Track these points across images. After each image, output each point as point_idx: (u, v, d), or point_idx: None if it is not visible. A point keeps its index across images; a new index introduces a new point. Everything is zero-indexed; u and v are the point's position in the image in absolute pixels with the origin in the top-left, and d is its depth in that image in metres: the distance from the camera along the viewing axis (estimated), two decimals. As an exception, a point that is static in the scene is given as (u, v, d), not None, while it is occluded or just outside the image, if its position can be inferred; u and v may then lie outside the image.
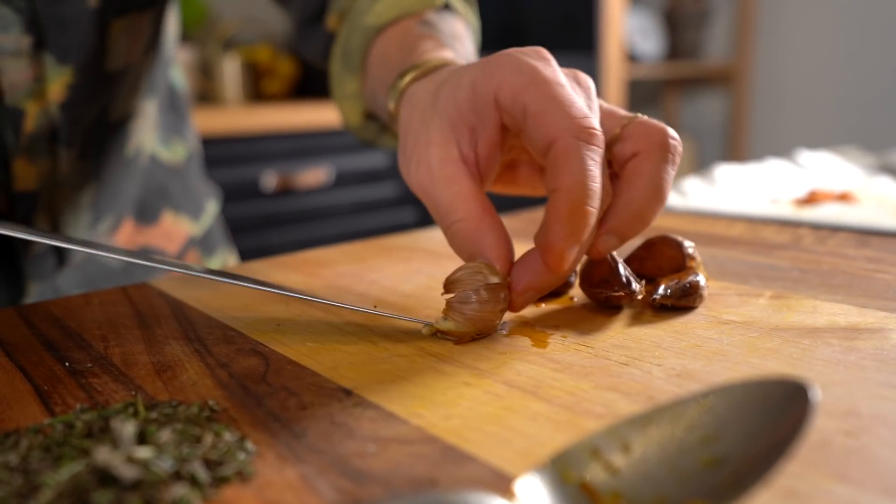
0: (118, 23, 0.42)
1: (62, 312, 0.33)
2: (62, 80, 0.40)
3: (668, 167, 0.29)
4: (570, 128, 0.26)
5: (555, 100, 0.27)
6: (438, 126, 0.29)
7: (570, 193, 0.26)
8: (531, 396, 0.23)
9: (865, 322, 0.28)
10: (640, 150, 0.29)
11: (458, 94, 0.29)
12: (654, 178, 0.29)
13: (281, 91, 1.61)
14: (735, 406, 0.18)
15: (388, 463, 0.19)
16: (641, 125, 0.30)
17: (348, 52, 0.40)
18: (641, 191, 0.29)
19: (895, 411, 0.21)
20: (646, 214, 0.29)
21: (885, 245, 0.42)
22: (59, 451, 0.18)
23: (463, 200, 0.28)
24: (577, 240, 0.27)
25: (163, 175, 0.54)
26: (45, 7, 0.38)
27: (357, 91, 0.41)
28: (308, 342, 0.28)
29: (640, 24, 2.04)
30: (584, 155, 0.26)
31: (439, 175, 0.29)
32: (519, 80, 0.27)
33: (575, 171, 0.26)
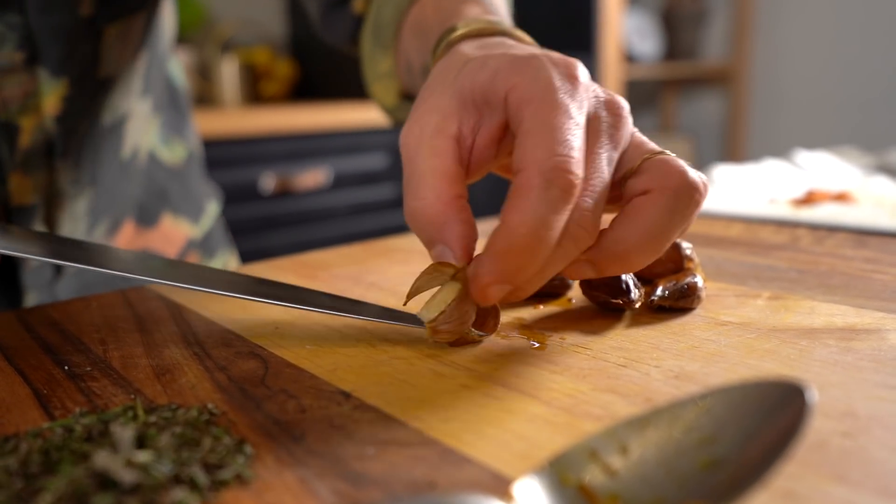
0: (111, 29, 0.42)
1: (61, 316, 0.33)
2: (57, 93, 0.40)
3: (676, 217, 0.26)
4: (542, 162, 0.24)
5: (546, 127, 0.24)
6: (450, 96, 0.27)
7: (512, 232, 0.23)
8: (530, 398, 0.23)
9: (863, 323, 0.28)
10: (651, 190, 0.26)
11: (479, 75, 0.27)
12: (653, 224, 0.26)
13: (279, 93, 1.61)
14: (732, 408, 0.18)
15: (386, 465, 0.19)
16: (663, 163, 0.27)
17: (380, 28, 0.38)
18: (634, 233, 0.26)
19: (892, 412, 0.21)
20: (631, 260, 0.26)
21: (883, 245, 0.42)
22: (59, 455, 0.19)
23: (437, 178, 0.26)
24: (505, 280, 0.24)
25: (162, 176, 0.54)
26: (38, 19, 0.37)
27: (390, 69, 0.39)
28: (307, 345, 0.28)
29: (637, 25, 2.05)
30: (545, 196, 0.23)
31: (428, 143, 0.27)
32: (529, 91, 0.25)
33: (527, 210, 0.23)
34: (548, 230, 0.23)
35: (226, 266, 0.59)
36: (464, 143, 0.27)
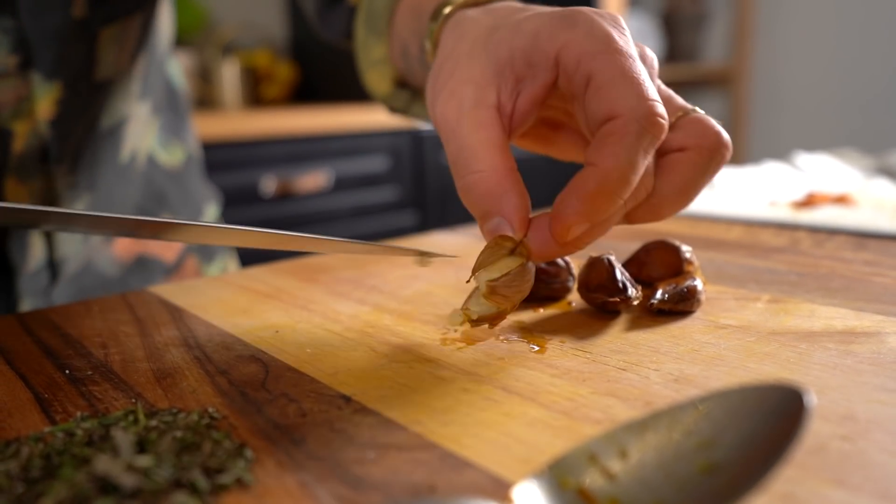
0: (106, 31, 0.41)
1: (62, 320, 0.33)
2: (51, 97, 0.39)
3: (709, 173, 0.28)
4: (637, 109, 0.24)
5: (626, 75, 0.25)
6: (484, 65, 0.27)
7: (606, 175, 0.24)
8: (529, 402, 0.23)
9: (862, 326, 0.28)
10: (688, 147, 0.27)
11: (515, 39, 0.27)
12: (688, 180, 0.27)
13: (280, 96, 1.61)
14: (731, 412, 0.18)
15: (386, 470, 0.19)
16: (698, 122, 0.28)
17: (373, 15, 0.38)
18: (670, 187, 0.27)
19: (892, 416, 0.21)
20: (663, 211, 0.28)
21: (883, 248, 0.42)
22: (60, 460, 0.19)
23: (489, 149, 0.26)
24: (590, 219, 0.25)
25: (161, 180, 0.54)
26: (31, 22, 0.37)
27: (384, 56, 0.39)
28: (307, 348, 0.28)
29: (637, 27, 2.05)
30: (639, 142, 0.24)
31: (470, 115, 0.26)
32: (589, 45, 0.25)
33: (621, 154, 0.24)
34: (637, 174, 0.25)
35: (225, 269, 0.59)
36: (504, 112, 0.27)
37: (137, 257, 0.52)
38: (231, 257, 0.61)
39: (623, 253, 0.38)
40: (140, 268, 0.51)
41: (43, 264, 0.45)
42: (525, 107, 0.27)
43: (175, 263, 0.54)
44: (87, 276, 0.49)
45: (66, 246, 0.46)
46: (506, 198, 0.26)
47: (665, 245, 0.34)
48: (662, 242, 0.35)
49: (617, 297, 0.30)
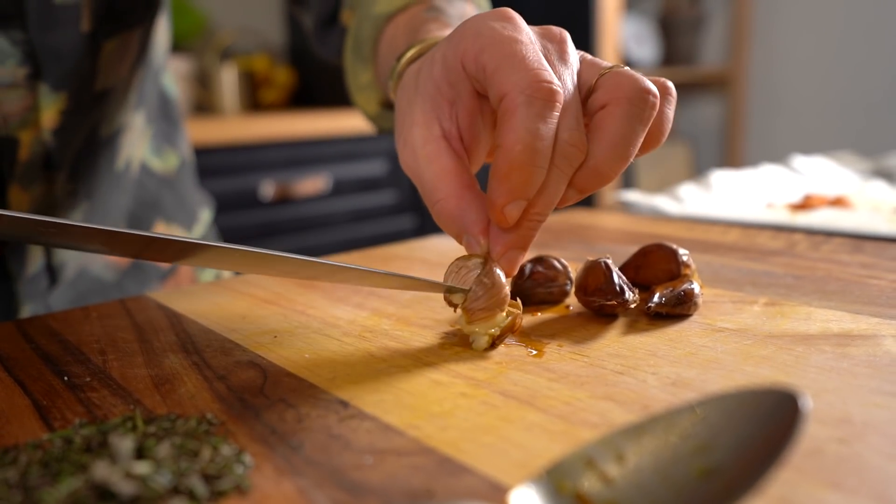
0: (109, 43, 0.42)
1: (61, 326, 0.33)
2: (55, 107, 0.40)
3: (634, 123, 0.27)
4: (519, 82, 0.26)
5: (510, 57, 0.26)
6: (420, 105, 0.29)
7: (509, 151, 0.26)
8: (527, 406, 0.23)
9: (858, 329, 0.28)
10: (608, 103, 0.28)
11: (433, 70, 0.29)
12: (616, 134, 0.27)
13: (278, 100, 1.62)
14: (727, 415, 0.18)
15: (384, 475, 0.19)
16: (615, 76, 0.28)
17: (359, 43, 0.40)
18: (601, 146, 0.27)
19: (888, 418, 0.21)
20: (604, 171, 0.28)
21: (879, 251, 0.42)
22: (58, 467, 0.19)
23: (443, 178, 0.28)
24: (516, 196, 0.26)
25: (155, 186, 0.54)
26: (40, 36, 0.38)
27: (371, 81, 0.41)
28: (306, 354, 0.28)
29: (635, 30, 2.05)
30: (531, 111, 0.25)
31: (422, 154, 0.29)
32: (479, 43, 0.27)
33: (517, 127, 0.25)
34: (541, 140, 0.26)
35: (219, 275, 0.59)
36: (452, 136, 0.29)
37: (133, 262, 0.52)
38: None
39: (621, 256, 0.38)
40: (136, 272, 0.52)
41: (41, 269, 0.45)
42: (467, 122, 0.29)
43: (170, 268, 0.54)
44: (84, 281, 0.49)
45: (63, 251, 0.46)
46: (465, 216, 0.28)
47: (662, 248, 0.34)
48: (659, 246, 0.35)
49: (614, 300, 0.30)
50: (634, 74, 0.28)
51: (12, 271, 0.43)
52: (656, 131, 0.29)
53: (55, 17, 0.38)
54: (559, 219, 0.57)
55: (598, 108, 0.28)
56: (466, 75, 0.28)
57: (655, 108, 0.28)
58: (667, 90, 0.29)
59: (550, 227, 0.54)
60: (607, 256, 0.32)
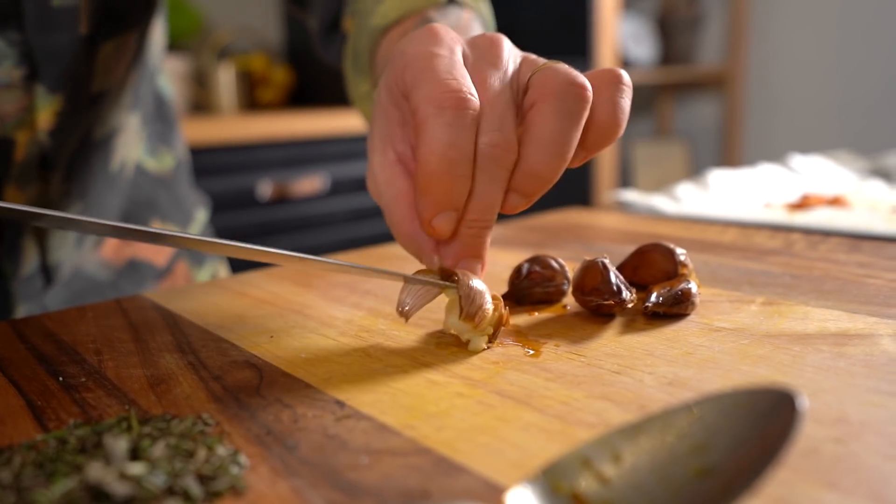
0: (106, 46, 0.42)
1: (56, 326, 0.33)
2: (51, 108, 0.40)
3: (564, 119, 0.27)
4: (428, 94, 0.26)
5: (424, 72, 0.27)
6: (377, 132, 0.30)
7: (425, 164, 0.26)
8: (524, 406, 0.23)
9: (856, 328, 0.28)
10: (537, 101, 0.27)
11: (380, 96, 0.30)
12: (547, 132, 0.27)
13: (275, 100, 1.61)
14: (724, 415, 0.18)
15: (380, 475, 0.19)
16: (544, 72, 0.27)
17: (357, 54, 0.41)
18: (535, 147, 0.27)
19: (884, 418, 0.21)
20: (541, 172, 0.27)
21: (877, 250, 0.42)
22: (53, 468, 0.19)
23: (398, 202, 0.29)
24: (441, 207, 0.27)
25: (150, 186, 0.54)
26: (38, 37, 0.38)
27: (369, 91, 0.42)
28: (302, 353, 0.28)
29: (633, 30, 2.05)
30: (440, 121, 0.25)
31: (381, 179, 0.30)
32: (402, 63, 0.28)
33: (429, 139, 0.26)
34: (454, 149, 0.26)
35: (215, 274, 0.59)
36: (407, 158, 0.29)
37: (128, 261, 0.52)
38: (221, 263, 0.61)
39: (618, 256, 0.38)
40: (131, 271, 0.52)
41: (36, 269, 0.45)
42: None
43: (166, 267, 0.54)
44: (79, 281, 0.49)
45: (59, 251, 0.46)
46: (418, 236, 0.29)
47: (659, 248, 0.34)
48: (657, 245, 0.35)
49: (611, 300, 0.30)
50: (564, 69, 0.27)
51: (6, 271, 0.43)
52: (610, 122, 0.28)
53: (53, 18, 0.38)
54: (556, 218, 0.57)
55: (528, 107, 0.27)
56: (401, 95, 0.29)
57: (586, 101, 0.27)
58: (618, 79, 0.28)
59: (548, 227, 0.53)
60: (604, 256, 0.32)
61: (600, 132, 0.28)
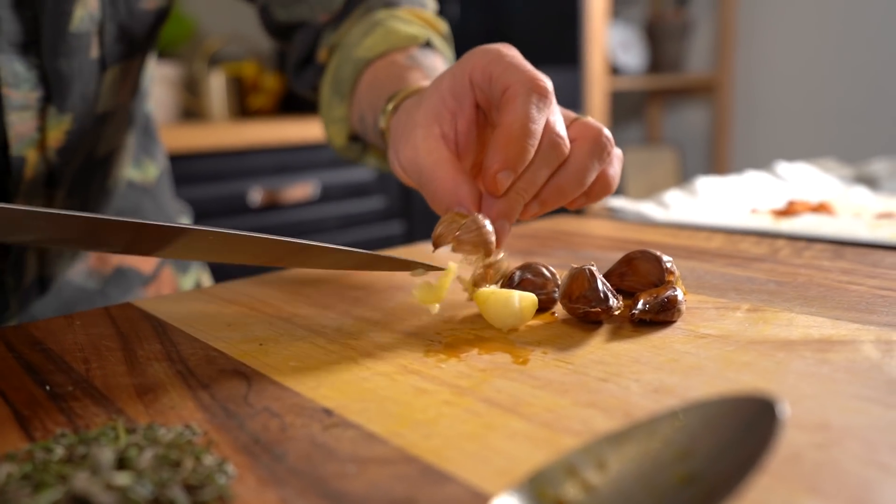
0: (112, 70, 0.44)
1: (43, 335, 0.33)
2: (61, 128, 0.42)
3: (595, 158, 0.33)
4: (523, 79, 0.31)
5: (513, 65, 0.32)
6: (424, 112, 0.34)
7: (509, 127, 0.31)
8: (511, 414, 0.23)
9: (838, 334, 0.29)
10: (577, 139, 0.33)
11: (441, 84, 0.34)
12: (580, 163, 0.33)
13: (267, 106, 1.61)
14: (707, 422, 0.18)
15: (367, 484, 0.19)
16: (584, 123, 0.34)
17: (339, 81, 0.45)
18: (566, 171, 0.33)
19: (865, 423, 0.21)
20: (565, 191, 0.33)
21: (860, 256, 0.43)
22: (39, 478, 0.18)
23: (440, 164, 0.33)
24: (508, 165, 0.31)
25: (136, 196, 0.56)
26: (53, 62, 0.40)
27: (344, 115, 0.46)
28: (291, 362, 0.28)
29: (622, 38, 2.07)
30: (530, 100, 0.31)
31: (422, 147, 0.34)
32: (487, 58, 0.33)
33: (517, 110, 0.31)
34: (534, 123, 0.31)
35: (199, 282, 0.60)
36: (449, 139, 0.34)
37: (115, 269, 0.52)
38: (203, 269, 0.62)
39: (606, 263, 0.38)
40: (119, 279, 0.52)
41: (33, 281, 0.46)
42: (465, 129, 0.34)
43: (152, 274, 0.55)
44: (67, 290, 0.49)
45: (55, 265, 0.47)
46: (459, 190, 0.32)
47: (646, 255, 0.35)
48: (643, 253, 0.35)
49: (598, 307, 0.30)
50: (599, 124, 0.34)
51: (9, 284, 0.44)
52: (604, 184, 0.34)
53: (69, 44, 0.40)
54: (545, 225, 0.57)
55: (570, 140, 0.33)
56: (472, 87, 0.33)
57: (611, 154, 0.34)
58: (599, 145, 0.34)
59: (537, 234, 0.54)
60: (591, 264, 0.32)
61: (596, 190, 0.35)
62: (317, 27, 0.50)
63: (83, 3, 0.40)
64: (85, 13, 0.40)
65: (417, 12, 0.48)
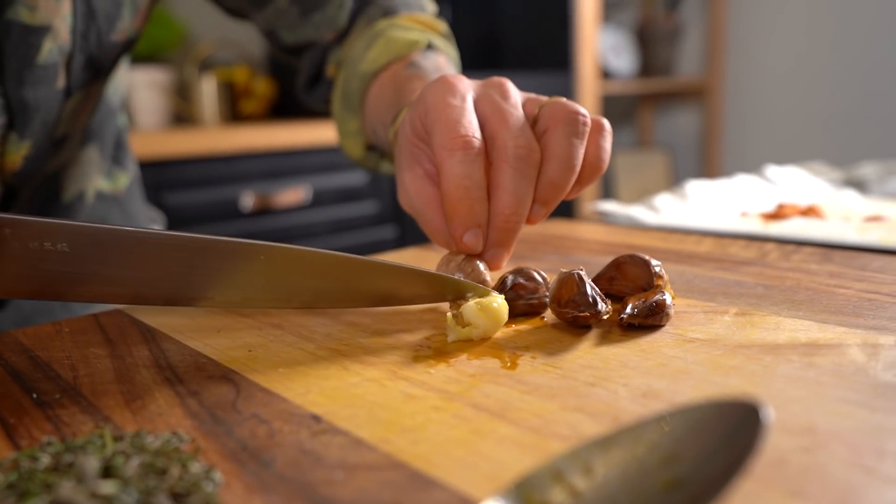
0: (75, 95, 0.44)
1: (31, 342, 0.33)
2: (20, 153, 0.42)
3: (572, 137, 0.33)
4: (441, 143, 0.32)
5: (436, 121, 0.33)
6: (405, 155, 0.36)
7: (447, 194, 0.32)
8: (499, 419, 0.23)
9: (825, 338, 0.29)
10: (549, 127, 0.33)
11: (406, 129, 0.36)
12: (559, 151, 0.33)
13: (258, 111, 1.61)
14: (692, 427, 0.18)
15: (355, 490, 0.19)
16: (550, 105, 0.34)
17: (348, 96, 0.47)
18: (552, 161, 0.33)
19: (850, 427, 0.21)
20: (559, 182, 0.33)
21: (848, 260, 0.43)
22: (24, 487, 0.18)
23: (429, 204, 0.35)
24: (468, 226, 0.32)
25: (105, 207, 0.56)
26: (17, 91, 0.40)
27: (358, 128, 0.48)
28: (280, 368, 0.28)
29: (613, 42, 2.08)
30: (453, 160, 0.32)
31: (411, 190, 0.35)
32: (423, 108, 0.34)
33: (447, 175, 0.32)
34: (467, 178, 0.32)
35: None
36: (432, 174, 0.35)
37: None
38: None
39: (596, 267, 0.38)
40: None
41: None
42: None
43: None
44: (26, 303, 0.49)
45: None
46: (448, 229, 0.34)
47: (635, 260, 0.35)
48: (633, 257, 0.35)
49: (587, 311, 0.30)
50: (568, 102, 0.34)
51: None
52: (594, 159, 0.34)
53: (35, 75, 0.41)
54: (536, 230, 0.57)
55: (541, 134, 0.34)
56: (424, 132, 0.35)
57: (586, 124, 0.34)
58: (600, 126, 0.34)
59: (527, 238, 0.54)
60: (580, 268, 0.32)
61: (587, 168, 0.34)
62: (324, 46, 0.51)
63: (53, 37, 0.40)
64: (54, 46, 0.41)
65: (416, 17, 0.49)
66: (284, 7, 0.50)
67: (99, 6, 0.42)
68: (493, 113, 0.33)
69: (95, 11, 0.42)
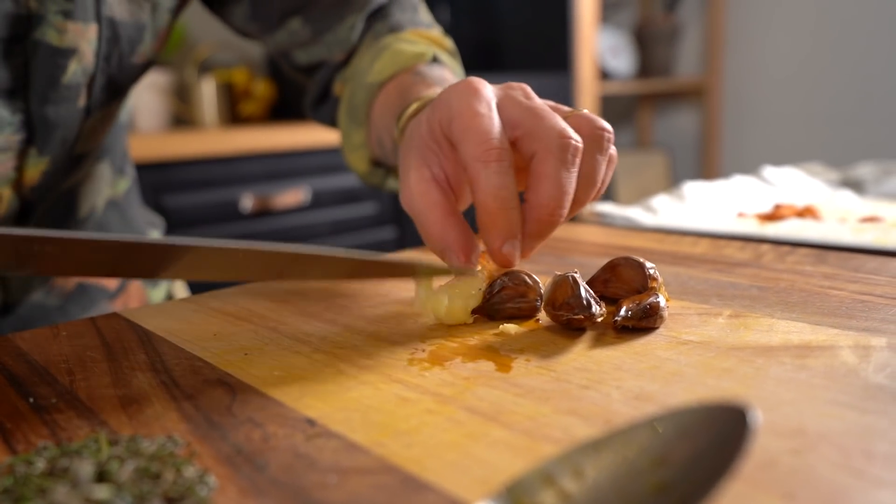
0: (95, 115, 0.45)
1: (29, 346, 0.33)
2: (38, 168, 0.43)
3: (597, 156, 0.33)
4: (474, 154, 0.31)
5: (467, 131, 0.32)
6: (414, 155, 0.35)
7: (483, 205, 0.31)
8: (492, 422, 0.23)
9: (817, 340, 0.29)
10: (535, 151, 0.32)
11: (420, 129, 0.35)
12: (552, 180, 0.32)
13: (257, 113, 1.61)
14: (681, 430, 0.18)
15: (348, 494, 0.19)
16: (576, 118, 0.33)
17: (354, 108, 0.48)
18: (542, 194, 0.32)
19: (841, 429, 0.21)
20: (552, 215, 0.32)
21: (842, 261, 0.43)
22: (19, 492, 0.19)
23: (431, 209, 0.34)
24: (505, 237, 0.32)
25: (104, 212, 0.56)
26: (40, 109, 0.41)
27: (363, 141, 0.48)
28: (275, 371, 0.28)
29: (611, 43, 2.08)
30: (488, 171, 0.31)
31: (415, 191, 0.34)
32: (449, 114, 0.33)
33: (482, 187, 0.31)
34: (503, 189, 0.31)
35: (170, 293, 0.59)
36: (441, 180, 0.35)
37: (77, 285, 0.52)
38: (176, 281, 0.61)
39: (591, 269, 0.38)
40: (80, 296, 0.52)
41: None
42: (452, 170, 0.35)
43: (118, 289, 0.55)
44: (26, 309, 0.49)
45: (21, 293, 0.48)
46: (447, 235, 0.33)
47: (630, 262, 0.35)
48: (627, 259, 0.35)
49: (581, 314, 0.31)
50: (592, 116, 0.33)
51: None
52: (588, 180, 0.33)
53: (59, 94, 0.41)
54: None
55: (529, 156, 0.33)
56: (444, 137, 0.34)
57: (610, 141, 0.33)
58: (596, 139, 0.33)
59: (525, 240, 0.54)
60: (575, 271, 0.32)
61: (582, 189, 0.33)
62: (334, 66, 0.52)
63: (78, 59, 0.41)
64: (79, 67, 0.42)
65: (422, 32, 0.50)
66: (297, 29, 0.51)
67: (123, 32, 0.43)
68: (525, 112, 0.33)
69: (120, 36, 0.43)
